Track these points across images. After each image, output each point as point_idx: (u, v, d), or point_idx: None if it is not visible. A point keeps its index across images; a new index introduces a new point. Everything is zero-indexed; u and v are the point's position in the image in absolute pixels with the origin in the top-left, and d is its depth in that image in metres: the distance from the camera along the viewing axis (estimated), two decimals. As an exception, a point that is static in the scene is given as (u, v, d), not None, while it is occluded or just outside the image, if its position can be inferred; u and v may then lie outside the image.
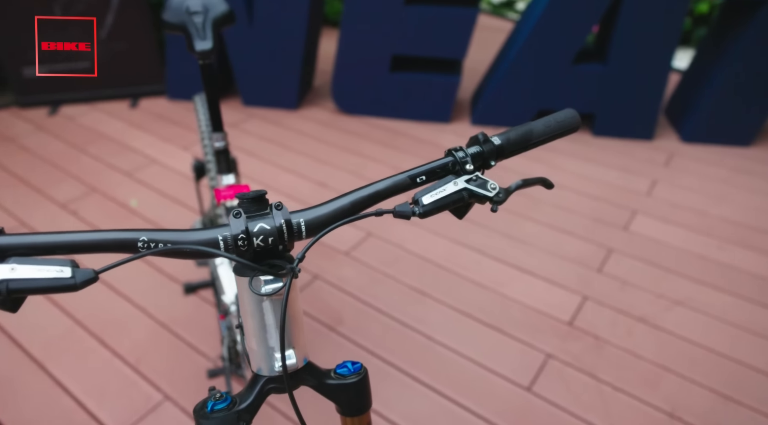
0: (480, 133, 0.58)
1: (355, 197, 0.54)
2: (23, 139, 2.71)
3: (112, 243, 0.47)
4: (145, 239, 0.48)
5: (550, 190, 0.65)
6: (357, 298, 1.77)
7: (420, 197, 0.54)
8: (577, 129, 0.61)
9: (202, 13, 0.94)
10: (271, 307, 0.54)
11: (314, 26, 3.03)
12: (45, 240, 0.46)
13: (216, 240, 0.49)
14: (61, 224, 2.09)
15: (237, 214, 0.50)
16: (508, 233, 2.10)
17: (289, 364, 0.56)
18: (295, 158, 2.60)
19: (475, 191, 0.55)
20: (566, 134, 0.61)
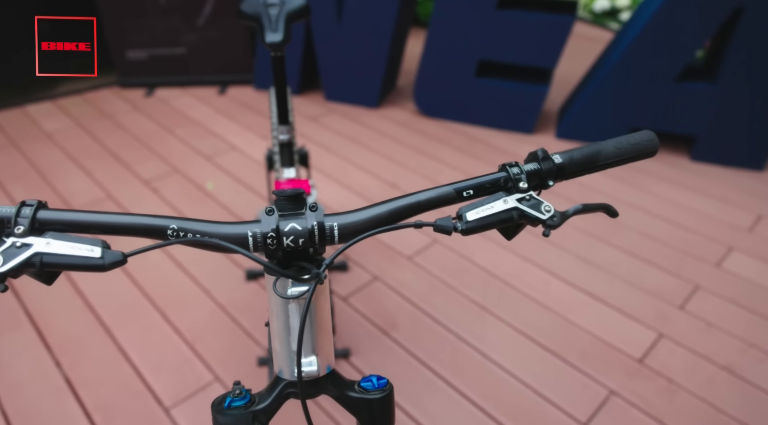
0: (540, 149, 0.54)
1: (394, 206, 0.52)
2: (120, 117, 2.92)
3: (143, 228, 0.49)
4: (174, 228, 0.49)
5: (614, 218, 0.60)
6: (415, 305, 1.75)
7: (464, 213, 0.51)
8: (654, 154, 0.56)
9: (278, 6, 0.96)
10: (297, 310, 0.54)
11: (402, 26, 3.04)
12: (81, 218, 0.48)
13: (245, 236, 0.48)
14: (143, 200, 2.23)
15: (270, 211, 0.49)
16: (583, 255, 2.00)
17: (309, 371, 0.55)
18: (369, 157, 2.62)
19: (527, 211, 0.51)
20: (640, 159, 0.55)
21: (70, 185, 2.32)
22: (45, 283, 0.48)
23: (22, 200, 0.48)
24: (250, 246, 0.49)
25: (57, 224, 0.47)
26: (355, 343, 1.61)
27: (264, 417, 0.56)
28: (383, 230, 0.50)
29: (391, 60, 3.02)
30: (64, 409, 1.40)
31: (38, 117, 2.90)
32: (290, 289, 0.50)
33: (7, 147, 2.60)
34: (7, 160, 2.50)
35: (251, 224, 0.50)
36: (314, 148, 2.67)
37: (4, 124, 2.82)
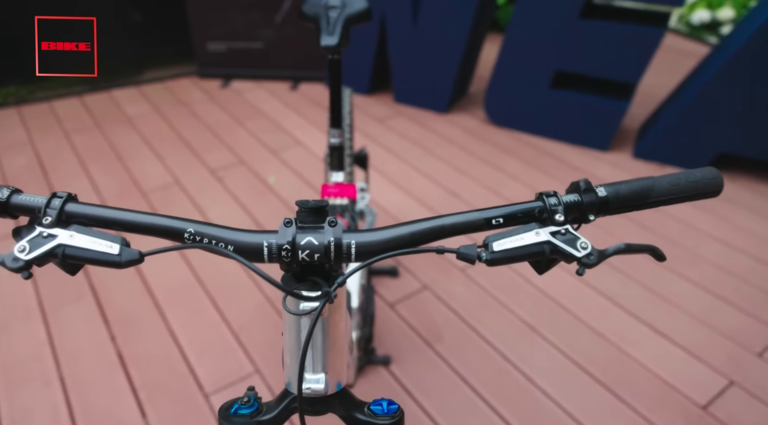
0: (583, 180, 0.50)
1: (416, 228, 0.50)
2: (195, 105, 3.07)
3: (162, 229, 0.50)
4: (191, 231, 0.49)
5: (661, 262, 0.55)
6: (462, 319, 1.72)
7: (491, 242, 0.49)
8: (717, 194, 0.51)
9: (339, 8, 0.96)
10: (305, 325, 0.53)
11: (478, 32, 3.00)
12: (105, 214, 0.50)
13: (261, 246, 0.48)
14: (207, 188, 2.33)
15: (288, 223, 0.48)
16: (649, 285, 1.89)
17: (316, 388, 0.54)
18: (433, 163, 2.60)
19: (560, 247, 0.48)
20: (699, 199, 0.50)
21: (142, 169, 2.46)
22: (69, 273, 0.50)
23: (90, 182, 0.50)
24: (264, 257, 0.48)
25: (82, 217, 0.49)
26: (397, 352, 1.60)
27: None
28: (403, 252, 0.49)
29: (464, 65, 2.98)
30: (114, 383, 1.48)
31: (122, 101, 3.10)
32: (302, 304, 0.49)
33: (91, 128, 2.80)
34: (90, 140, 2.68)
35: (268, 234, 0.49)
36: (377, 150, 2.69)
37: (92, 106, 3.04)
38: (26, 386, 1.46)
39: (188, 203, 2.23)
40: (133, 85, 3.30)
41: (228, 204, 2.23)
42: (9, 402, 1.42)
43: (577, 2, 2.46)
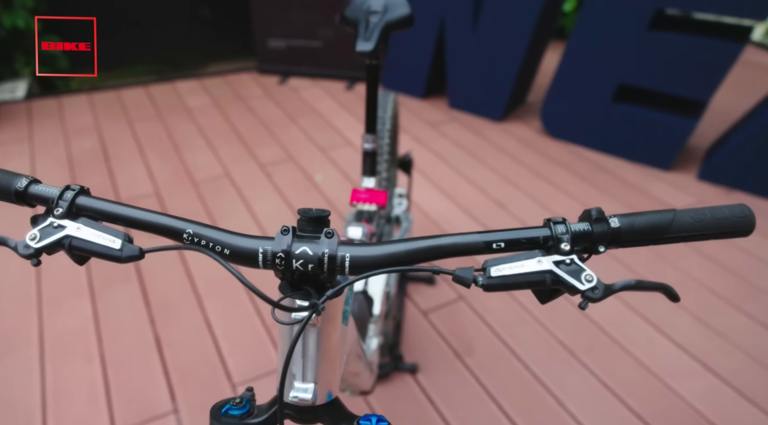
0: (595, 209, 0.48)
1: (413, 247, 0.49)
2: (252, 100, 3.16)
3: (162, 228, 0.51)
4: (190, 233, 0.50)
5: (675, 302, 0.51)
6: (496, 333, 1.69)
7: (489, 266, 0.47)
8: (747, 234, 0.47)
9: (380, 14, 0.97)
10: (302, 335, 0.53)
11: (540, 39, 2.94)
12: (112, 210, 0.51)
13: (256, 252, 0.48)
14: (255, 182, 2.39)
15: (285, 231, 0.49)
16: (702, 316, 1.79)
17: (303, 397, 0.54)
18: (482, 171, 2.57)
19: (563, 277, 0.46)
20: (725, 237, 0.47)
21: (196, 159, 2.56)
22: (77, 263, 0.52)
23: (146, 169, 0.53)
24: (259, 263, 0.49)
25: (91, 211, 0.51)
26: (426, 360, 1.59)
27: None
28: (397, 270, 0.48)
29: (522, 74, 2.93)
30: (149, 364, 1.55)
31: (184, 93, 3.24)
32: (293, 314, 0.49)
33: (153, 118, 2.94)
34: (151, 129, 2.82)
35: (265, 240, 0.49)
36: (427, 155, 2.68)
37: (156, 96, 3.19)
38: (70, 359, 1.56)
39: (235, 196, 2.30)
40: (195, 78, 3.44)
41: (273, 199, 2.29)
42: (53, 373, 1.51)
43: (647, 12, 2.36)
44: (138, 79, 3.48)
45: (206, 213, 2.18)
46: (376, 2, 1.00)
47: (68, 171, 2.43)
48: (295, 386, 0.55)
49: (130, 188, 2.33)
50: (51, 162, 2.49)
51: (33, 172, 2.42)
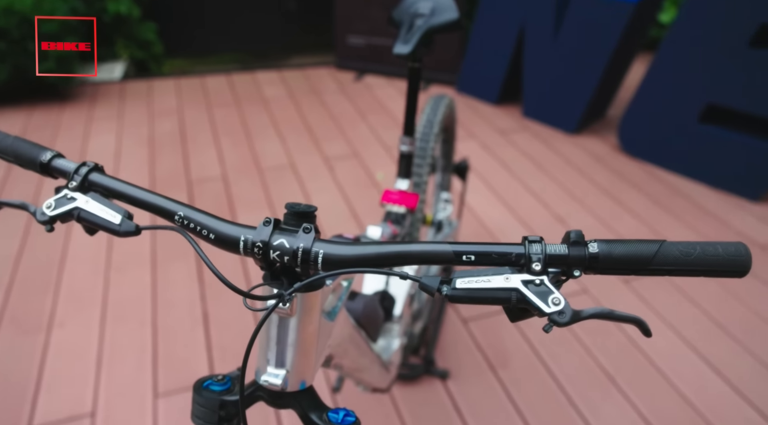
0: (575, 231, 0.47)
1: (382, 250, 0.50)
2: (326, 95, 3.28)
3: (156, 208, 0.55)
4: (181, 215, 0.54)
5: (647, 337, 0.50)
6: (534, 350, 1.67)
7: (456, 278, 0.47)
8: (741, 275, 0.45)
9: (426, 17, 0.99)
10: (276, 322, 0.56)
11: (627, 50, 2.84)
12: (117, 187, 0.56)
13: (237, 240, 0.51)
14: (317, 175, 2.49)
15: (267, 222, 0.51)
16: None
17: (273, 382, 0.57)
18: (547, 184, 2.53)
19: (529, 297, 0.45)
20: (717, 276, 0.45)
21: (264, 148, 2.69)
22: (87, 233, 0.58)
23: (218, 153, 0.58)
24: (240, 250, 0.52)
25: (100, 187, 0.56)
26: (458, 368, 1.60)
27: (232, 409, 0.60)
28: (367, 271, 0.50)
29: (603, 86, 2.84)
30: (195, 337, 1.67)
31: (263, 83, 3.41)
32: (257, 302, 0.52)
33: (231, 105, 3.12)
34: (228, 115, 2.99)
35: (248, 229, 0.52)
36: (491, 162, 2.67)
37: (237, 84, 3.38)
38: (126, 323, 1.71)
39: (296, 186, 2.40)
40: (276, 69, 3.61)
41: (332, 193, 2.37)
42: (111, 333, 1.67)
43: (750, 28, 2.23)
44: (223, 67, 3.70)
45: (266, 200, 2.30)
46: (424, 5, 1.02)
47: (148, 150, 2.64)
48: (268, 371, 0.58)
49: (200, 170, 2.50)
50: (134, 140, 2.72)
51: (118, 148, 2.65)
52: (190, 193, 2.34)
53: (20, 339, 1.64)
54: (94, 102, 3.08)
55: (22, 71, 2.81)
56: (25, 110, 2.95)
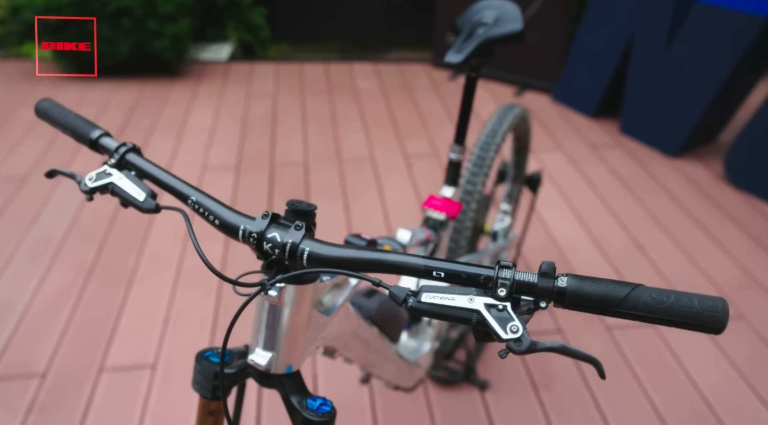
0: (547, 262, 0.48)
1: (359, 255, 0.53)
2: (417, 92, 3.34)
3: (174, 190, 0.62)
4: (193, 199, 0.60)
5: (602, 379, 0.49)
6: (583, 376, 1.64)
7: (423, 292, 0.49)
8: (715, 332, 0.45)
9: (488, 26, 1.00)
10: (266, 308, 0.62)
11: (749, 69, 2.64)
12: (146, 168, 0.64)
13: (237, 228, 0.57)
14: (394, 170, 2.56)
15: (265, 216, 0.56)
16: None
17: (258, 362, 0.63)
18: (632, 207, 2.43)
19: (488, 321, 0.47)
20: (689, 329, 0.45)
21: (348, 138, 2.81)
22: (122, 205, 0.65)
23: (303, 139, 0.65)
24: (239, 237, 0.57)
25: (133, 167, 0.65)
26: (499, 381, 1.61)
27: (225, 383, 0.67)
28: (343, 272, 0.53)
29: (716, 107, 2.67)
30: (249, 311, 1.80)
31: (357, 75, 3.53)
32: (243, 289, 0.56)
33: (323, 93, 3.27)
34: (318, 104, 3.14)
35: (248, 219, 0.57)
36: (576, 177, 2.61)
37: (332, 74, 3.53)
38: (194, 289, 1.88)
39: (372, 179, 2.49)
40: (372, 62, 3.72)
41: (405, 190, 2.43)
42: (180, 298, 1.85)
43: None
44: (323, 56, 3.87)
45: (341, 189, 2.41)
46: (489, 14, 1.03)
47: (240, 130, 2.84)
48: (256, 351, 0.64)
49: (284, 154, 2.65)
50: (229, 119, 2.93)
51: (213, 125, 2.88)
52: (271, 174, 2.50)
53: (105, 290, 1.86)
54: (200, 80, 3.35)
55: (141, 47, 3.13)
56: (139, 83, 3.27)
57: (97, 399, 1.52)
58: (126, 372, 1.59)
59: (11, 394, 1.52)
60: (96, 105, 3.01)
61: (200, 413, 0.70)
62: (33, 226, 2.13)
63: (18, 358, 1.62)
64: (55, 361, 1.61)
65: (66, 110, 0.71)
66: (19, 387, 1.54)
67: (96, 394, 1.53)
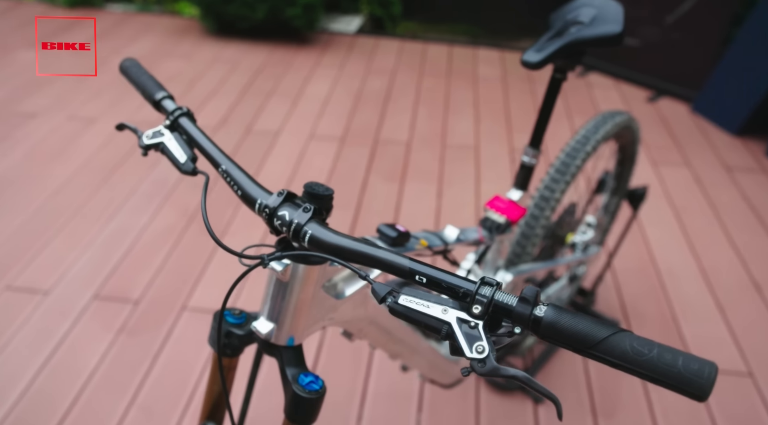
0: (530, 287, 0.46)
1: (353, 246, 0.54)
2: (539, 84, 3.22)
3: (209, 156, 0.67)
4: (223, 168, 0.65)
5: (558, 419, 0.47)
6: (652, 412, 1.54)
7: (402, 294, 0.50)
8: (699, 399, 0.42)
9: (582, 26, 0.94)
10: (273, 281, 0.65)
11: None
12: (191, 133, 0.69)
13: (255, 200, 0.60)
14: (496, 164, 2.52)
15: (281, 194, 0.59)
16: None
17: (259, 330, 0.67)
18: (758, 241, 2.19)
19: (456, 336, 0.46)
20: (668, 388, 0.43)
21: (456, 125, 2.80)
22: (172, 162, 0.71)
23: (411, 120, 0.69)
24: (256, 209, 0.61)
25: (183, 130, 0.71)
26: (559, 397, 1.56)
27: (235, 340, 0.72)
28: (335, 260, 0.55)
29: None
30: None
31: (481, 61, 3.48)
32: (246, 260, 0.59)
33: (441, 76, 3.27)
34: (434, 86, 3.15)
35: (267, 194, 0.60)
36: (697, 199, 2.40)
37: (455, 57, 3.51)
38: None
39: (471, 169, 2.48)
40: (498, 49, 3.64)
41: (503, 185, 2.38)
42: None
43: None
44: (450, 38, 3.85)
45: (438, 175, 2.42)
46: (587, 12, 0.98)
47: (352, 102, 2.94)
48: (260, 319, 0.68)
49: (389, 132, 2.71)
50: (345, 91, 3.04)
51: (328, 95, 3.00)
52: (373, 150, 2.57)
53: (200, 238, 2.05)
54: (326, 50, 3.50)
55: (276, 12, 3.32)
56: (269, 47, 3.48)
57: (175, 333, 1.69)
58: (203, 315, 1.75)
59: (108, 314, 1.74)
60: (227, 64, 3.26)
61: (213, 366, 0.77)
62: (153, 170, 2.38)
63: (120, 283, 1.85)
64: (148, 292, 1.82)
65: (143, 70, 0.79)
66: (116, 309, 1.76)
67: (175, 329, 1.71)
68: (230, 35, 3.57)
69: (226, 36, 3.57)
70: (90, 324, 1.71)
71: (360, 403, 1.53)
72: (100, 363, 1.60)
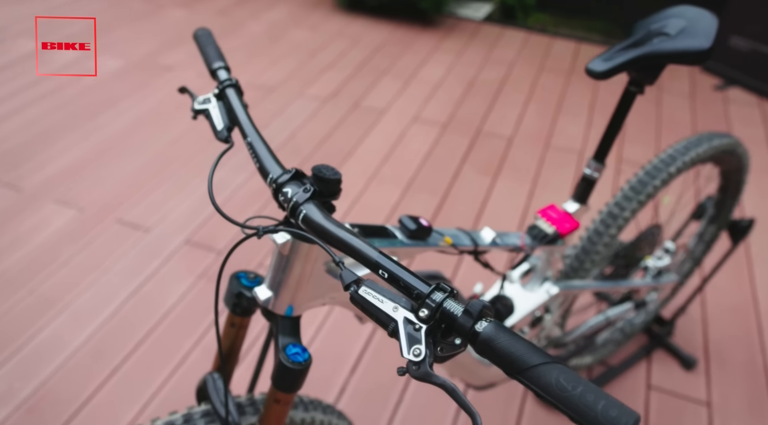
0: (478, 301, 0.46)
1: (334, 231, 0.55)
2: (668, 94, 2.99)
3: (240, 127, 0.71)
4: (248, 140, 0.68)
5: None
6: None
7: (364, 285, 0.51)
8: None
9: (666, 39, 0.86)
10: (276, 253, 0.68)
11: None
12: (231, 103, 0.73)
13: (268, 174, 0.63)
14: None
15: (289, 171, 0.62)
16: None
17: (258, 296, 0.71)
18: None
19: (400, 335, 0.47)
20: None
21: (565, 127, 2.68)
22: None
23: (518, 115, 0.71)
24: (267, 183, 0.63)
25: (224, 99, 0.75)
26: None
27: (244, 302, 0.77)
28: (317, 241, 0.57)
29: None
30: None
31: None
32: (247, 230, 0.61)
33: (561, 74, 3.13)
34: (551, 83, 3.03)
35: (280, 170, 0.63)
36: None
37: (581, 56, 3.34)
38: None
39: (570, 174, 2.37)
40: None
41: (600, 195, 2.25)
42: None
43: None
44: (583, 35, 3.66)
45: (534, 175, 2.35)
46: (676, 23, 0.90)
47: (463, 90, 2.91)
48: (261, 286, 0.72)
49: (493, 125, 2.66)
50: (458, 78, 3.02)
51: (441, 81, 2.99)
52: (472, 141, 2.54)
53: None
54: (448, 34, 3.48)
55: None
56: (392, 25, 3.53)
57: (248, 286, 1.82)
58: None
59: (193, 259, 1.91)
60: (349, 39, 3.36)
61: (227, 323, 0.82)
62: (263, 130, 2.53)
63: (209, 233, 2.01)
64: (230, 244, 1.96)
65: (211, 39, 0.85)
66: (200, 256, 1.92)
67: (248, 282, 1.83)
68: (358, 11, 3.66)
69: (355, 11, 3.67)
70: (177, 265, 1.88)
71: (401, 391, 1.56)
72: (178, 302, 1.76)
